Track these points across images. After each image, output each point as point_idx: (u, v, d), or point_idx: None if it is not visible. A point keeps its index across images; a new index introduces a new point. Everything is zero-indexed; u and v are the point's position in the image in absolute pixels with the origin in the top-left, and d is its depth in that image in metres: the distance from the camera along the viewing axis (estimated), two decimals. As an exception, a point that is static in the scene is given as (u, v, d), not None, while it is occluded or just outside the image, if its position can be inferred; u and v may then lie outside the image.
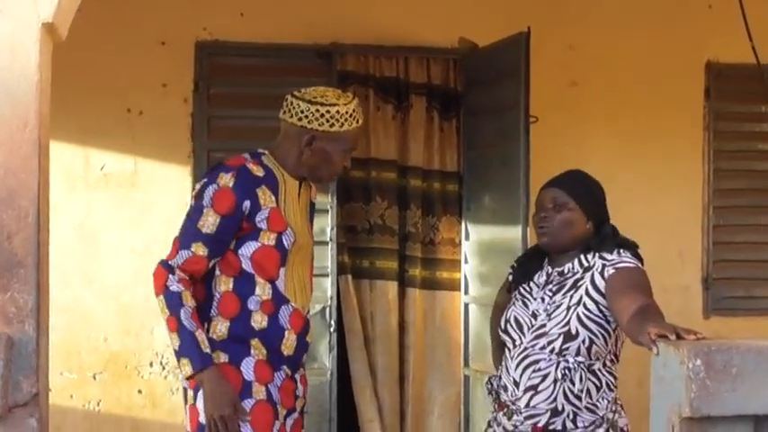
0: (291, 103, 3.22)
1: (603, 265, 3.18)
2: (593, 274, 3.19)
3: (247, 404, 3.13)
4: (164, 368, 5.54)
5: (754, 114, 6.14)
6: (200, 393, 3.12)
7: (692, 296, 6.05)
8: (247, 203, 3.14)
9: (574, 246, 3.26)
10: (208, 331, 3.14)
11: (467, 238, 5.84)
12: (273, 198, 3.20)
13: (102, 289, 5.54)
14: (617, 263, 3.18)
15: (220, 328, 3.16)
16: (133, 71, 5.54)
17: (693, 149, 6.04)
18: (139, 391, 5.55)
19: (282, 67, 5.65)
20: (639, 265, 3.20)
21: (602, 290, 3.15)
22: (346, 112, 3.20)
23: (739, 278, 6.12)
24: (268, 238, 3.17)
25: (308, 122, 3.19)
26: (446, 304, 5.93)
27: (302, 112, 3.18)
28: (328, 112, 3.18)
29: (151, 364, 5.55)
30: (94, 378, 5.52)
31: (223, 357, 3.15)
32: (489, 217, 5.59)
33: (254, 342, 3.17)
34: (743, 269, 6.12)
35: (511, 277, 3.46)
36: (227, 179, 3.14)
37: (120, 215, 5.57)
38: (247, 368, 3.16)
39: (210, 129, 5.60)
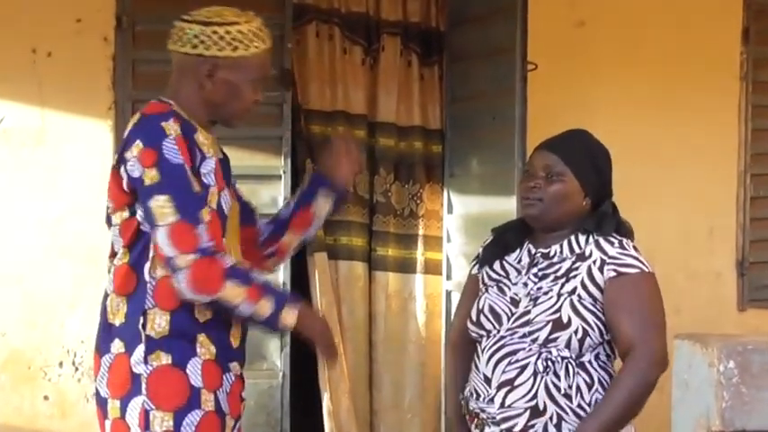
0: (181, 29, 3.13)
1: (603, 261, 3.16)
2: (590, 268, 3.16)
3: (194, 417, 3.07)
4: (77, 369, 5.49)
5: (803, 62, 6.14)
6: (133, 404, 3.05)
7: (724, 283, 6.08)
8: (196, 153, 3.08)
9: (565, 224, 3.25)
10: (144, 327, 3.06)
11: (449, 210, 5.85)
12: (207, 150, 3.14)
13: (0, 271, 5.48)
14: (619, 264, 3.15)
15: (159, 322, 3.07)
16: (40, 2, 5.48)
17: (727, 104, 6.06)
18: (46, 398, 5.49)
19: (224, 1, 5.57)
20: (644, 267, 3.16)
21: (602, 285, 3.14)
22: (249, 32, 3.12)
23: (782, 262, 6.14)
24: (213, 200, 3.10)
25: (206, 48, 3.10)
26: (430, 291, 5.95)
27: (196, 36, 3.10)
28: (228, 33, 3.09)
29: (61, 365, 5.49)
30: (-10, 381, 5.48)
31: (165, 358, 3.07)
32: (477, 185, 5.59)
33: (201, 338, 3.10)
34: (786, 251, 6.14)
35: (475, 269, 3.44)
36: (172, 126, 3.04)
37: (24, 180, 5.50)
38: (194, 371, 3.09)
39: (136, 75, 5.52)
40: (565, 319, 3.11)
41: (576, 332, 3.11)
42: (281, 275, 5.49)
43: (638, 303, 3.10)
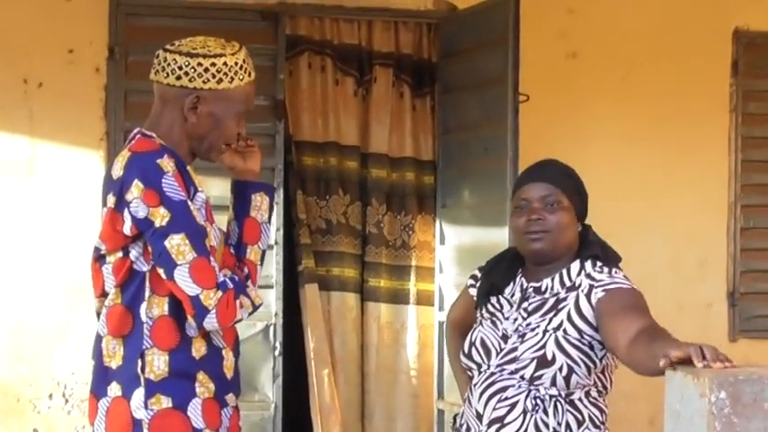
0: (165, 59, 3.08)
1: (591, 287, 3.13)
2: (577, 296, 3.14)
3: None
4: (66, 401, 5.45)
5: (792, 94, 6.15)
6: None
7: (715, 314, 6.07)
8: (190, 187, 3.03)
9: (564, 254, 3.22)
10: (143, 370, 3.01)
11: (442, 241, 5.83)
12: (198, 183, 3.11)
13: (-11, 303, 5.45)
14: (608, 284, 3.13)
15: (158, 364, 3.03)
16: (32, 33, 5.47)
17: (718, 136, 6.07)
18: (35, 431, 5.46)
19: (218, 31, 5.49)
20: (634, 286, 3.14)
21: (589, 317, 3.10)
22: (235, 64, 3.07)
23: (772, 293, 6.13)
24: (210, 234, 3.06)
25: (190, 80, 3.05)
26: (422, 322, 5.95)
27: (180, 68, 3.05)
28: (213, 65, 3.05)
29: (51, 397, 5.46)
30: (-22, 414, 5.44)
31: (165, 402, 3.03)
32: (469, 216, 5.58)
33: (200, 376, 3.08)
34: (776, 282, 6.13)
35: (473, 290, 3.43)
36: (168, 163, 2.98)
37: (14, 211, 5.49)
38: (195, 413, 3.06)
39: (128, 105, 5.51)
40: (549, 356, 3.08)
41: (560, 369, 3.07)
42: (272, 307, 5.49)
43: (635, 305, 3.02)
